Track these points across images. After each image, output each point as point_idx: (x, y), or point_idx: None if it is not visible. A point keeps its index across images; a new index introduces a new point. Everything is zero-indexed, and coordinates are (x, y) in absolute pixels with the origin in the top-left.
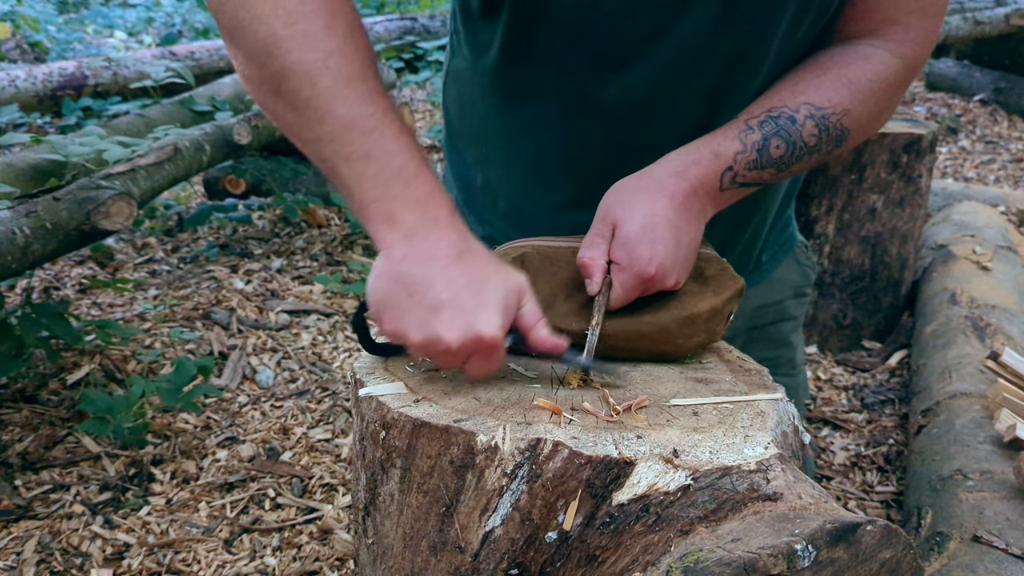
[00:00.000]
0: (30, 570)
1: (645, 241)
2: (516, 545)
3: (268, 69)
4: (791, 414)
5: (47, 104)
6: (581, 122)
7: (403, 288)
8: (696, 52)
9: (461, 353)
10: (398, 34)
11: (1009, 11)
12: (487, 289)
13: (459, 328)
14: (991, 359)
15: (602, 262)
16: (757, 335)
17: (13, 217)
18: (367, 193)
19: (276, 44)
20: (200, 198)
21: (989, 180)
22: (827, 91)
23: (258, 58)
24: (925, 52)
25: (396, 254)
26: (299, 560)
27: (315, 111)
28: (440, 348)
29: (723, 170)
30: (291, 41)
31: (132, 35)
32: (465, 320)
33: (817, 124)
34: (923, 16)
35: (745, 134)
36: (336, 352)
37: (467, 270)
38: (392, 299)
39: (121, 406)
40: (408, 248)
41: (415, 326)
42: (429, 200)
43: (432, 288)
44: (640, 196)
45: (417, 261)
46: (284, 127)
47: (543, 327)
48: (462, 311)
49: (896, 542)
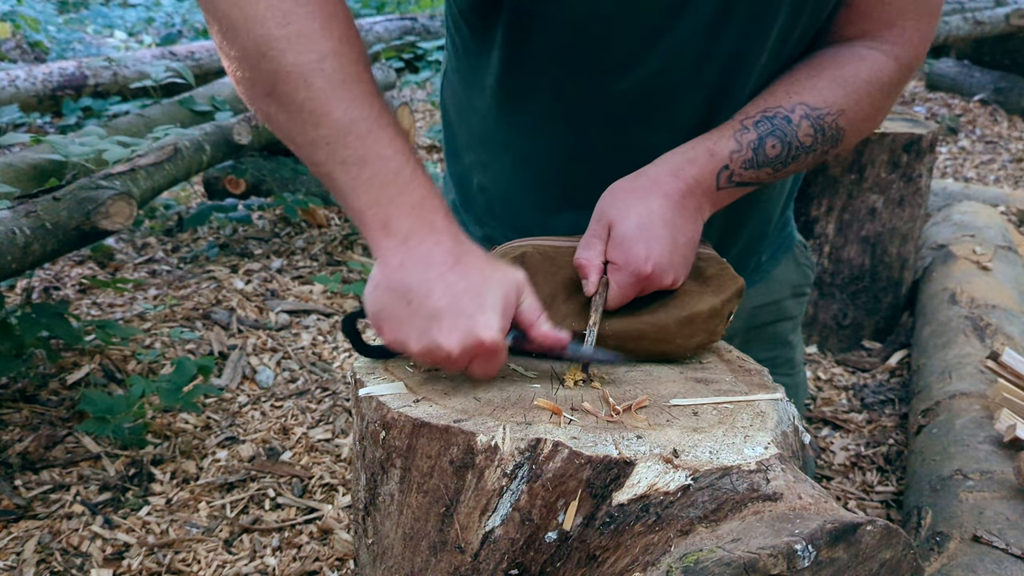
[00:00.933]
0: (30, 570)
1: (641, 240)
2: (516, 545)
3: (262, 71)
4: (791, 414)
5: (47, 104)
6: (578, 124)
7: (401, 297)
8: (693, 54)
9: (463, 359)
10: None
11: (1009, 11)
12: (484, 292)
13: (459, 334)
14: (991, 359)
15: (598, 262)
16: (756, 335)
17: (13, 217)
18: (362, 198)
19: (270, 45)
20: (200, 198)
21: (989, 180)
22: (822, 91)
23: (251, 59)
24: (920, 53)
25: (393, 262)
26: (299, 560)
27: (310, 114)
28: (441, 355)
29: (719, 169)
30: (286, 42)
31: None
32: (464, 326)
33: (812, 124)
34: (918, 18)
35: (741, 134)
36: (336, 352)
37: (464, 274)
38: (391, 309)
39: (121, 406)
40: (404, 255)
41: (415, 335)
42: (424, 205)
43: (430, 296)
44: (636, 196)
45: (414, 268)
46: (277, 130)
47: (544, 322)
48: (460, 317)
49: (896, 542)
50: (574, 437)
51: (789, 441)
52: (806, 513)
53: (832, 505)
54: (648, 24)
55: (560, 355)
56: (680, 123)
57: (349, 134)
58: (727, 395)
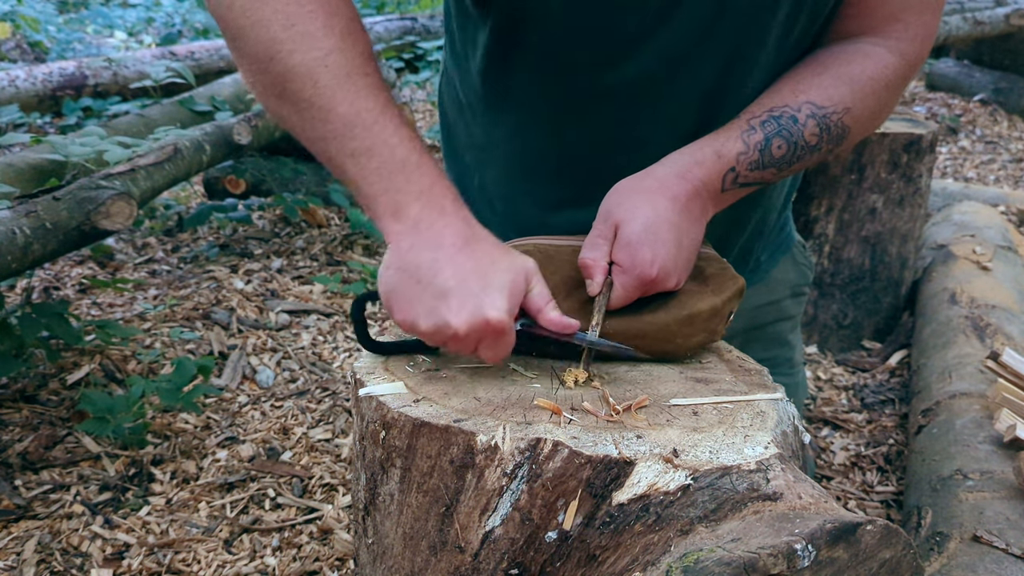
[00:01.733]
0: (30, 570)
1: (647, 243)
2: (516, 545)
3: (271, 73)
4: (791, 414)
5: (47, 104)
6: (572, 120)
7: (411, 276)
8: (688, 51)
9: (470, 338)
10: (398, 34)
11: (1009, 11)
12: (493, 273)
13: (466, 313)
14: (991, 359)
15: (604, 263)
16: (755, 335)
17: (13, 217)
18: (373, 187)
19: (277, 47)
20: (200, 198)
21: (989, 180)
22: (828, 89)
23: (261, 62)
24: (924, 49)
25: (403, 245)
26: (299, 560)
27: (318, 110)
28: (448, 334)
29: (726, 171)
30: (291, 43)
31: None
32: (472, 304)
33: (818, 123)
34: (922, 12)
35: (748, 134)
36: (336, 352)
37: (473, 256)
38: (401, 288)
39: (121, 406)
40: (415, 238)
41: (424, 314)
42: (433, 190)
43: (439, 275)
44: (643, 197)
45: (424, 249)
46: (291, 129)
47: (553, 309)
48: (469, 296)
49: (896, 542)
50: (574, 437)
51: (789, 441)
52: (806, 513)
53: (832, 505)
54: (642, 19)
55: (568, 341)
56: (674, 119)
57: (356, 126)
58: (727, 395)
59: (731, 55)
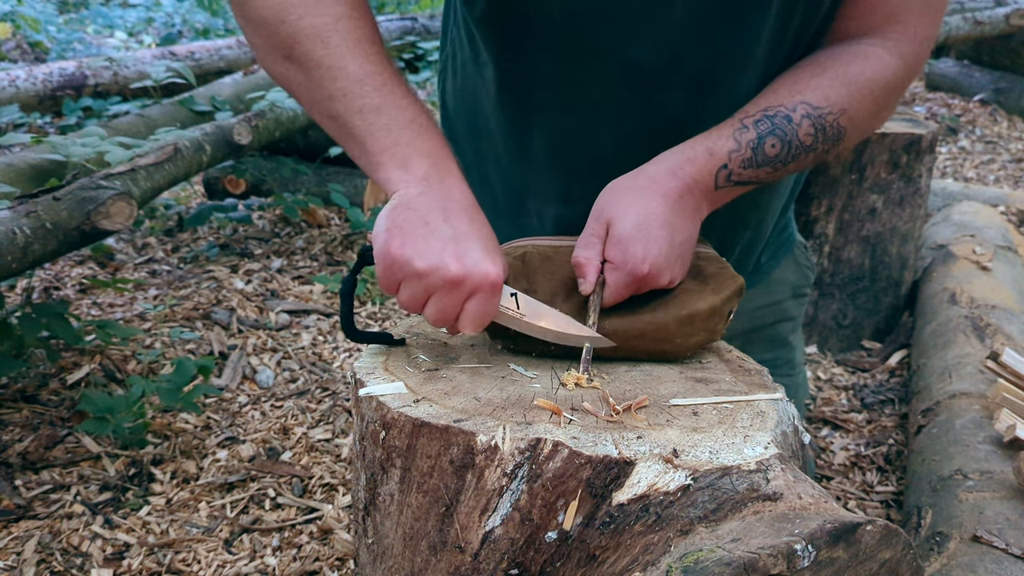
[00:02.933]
0: (30, 570)
1: (639, 240)
2: (516, 545)
3: (280, 35)
4: (791, 414)
5: (47, 104)
6: (568, 117)
7: (420, 217)
8: (682, 43)
9: (463, 288)
10: (398, 34)
11: (1009, 11)
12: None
13: (469, 261)
14: (991, 359)
15: (596, 262)
16: (756, 336)
17: (13, 217)
18: (381, 141)
19: (287, 10)
20: (200, 198)
21: (989, 180)
22: (825, 90)
23: (269, 25)
24: (924, 51)
25: (412, 191)
26: (299, 560)
27: (328, 69)
28: (441, 275)
29: (718, 168)
30: (303, 7)
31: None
32: (476, 255)
33: (814, 123)
34: (923, 13)
35: (740, 132)
36: (336, 352)
37: (479, 218)
38: (407, 226)
39: (121, 406)
40: (425, 187)
41: (424, 252)
42: (440, 153)
43: (449, 220)
44: (634, 194)
45: (435, 197)
46: (294, 90)
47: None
48: (473, 248)
49: (896, 542)
50: (574, 437)
51: (789, 441)
52: (806, 513)
53: (832, 505)
54: (640, 9)
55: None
56: (668, 116)
57: (365, 84)
58: (727, 395)
59: (725, 49)
